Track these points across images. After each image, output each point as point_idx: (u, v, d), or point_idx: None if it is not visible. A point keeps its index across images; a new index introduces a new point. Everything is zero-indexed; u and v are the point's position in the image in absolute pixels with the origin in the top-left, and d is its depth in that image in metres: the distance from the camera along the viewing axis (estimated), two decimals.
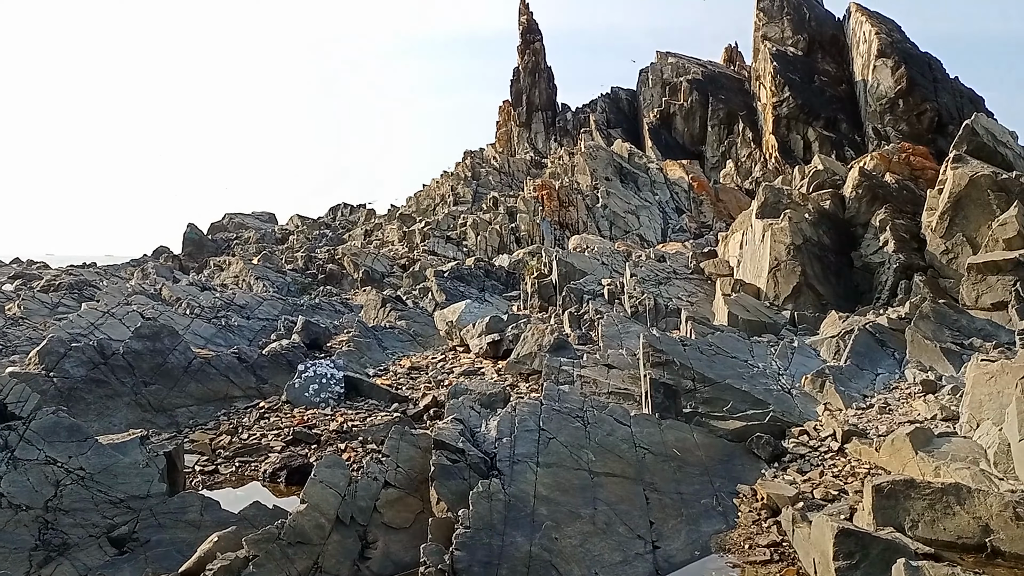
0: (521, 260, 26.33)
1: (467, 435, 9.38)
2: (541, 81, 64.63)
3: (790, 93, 50.67)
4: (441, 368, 15.40)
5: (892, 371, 13.10)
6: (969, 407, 10.12)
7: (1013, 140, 22.66)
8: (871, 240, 19.07)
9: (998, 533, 7.19)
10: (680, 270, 21.94)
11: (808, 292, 18.09)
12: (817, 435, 10.74)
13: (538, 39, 66.26)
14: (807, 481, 9.44)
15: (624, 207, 37.24)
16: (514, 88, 65.22)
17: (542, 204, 35.67)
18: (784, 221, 18.97)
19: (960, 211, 17.37)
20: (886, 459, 9.50)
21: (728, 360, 13.41)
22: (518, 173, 49.28)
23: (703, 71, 59.53)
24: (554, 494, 8.51)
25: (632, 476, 9.18)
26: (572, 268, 21.86)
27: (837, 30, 55.26)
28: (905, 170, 21.63)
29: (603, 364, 13.53)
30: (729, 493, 9.21)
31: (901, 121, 47.61)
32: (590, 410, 10.38)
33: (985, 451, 9.11)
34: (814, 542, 7.22)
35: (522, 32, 66.68)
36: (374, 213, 50.10)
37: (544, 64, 65.76)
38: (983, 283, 15.59)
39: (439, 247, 34.32)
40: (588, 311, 18.40)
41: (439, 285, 22.43)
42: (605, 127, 58.78)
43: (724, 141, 54.90)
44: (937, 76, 50.33)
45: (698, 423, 10.90)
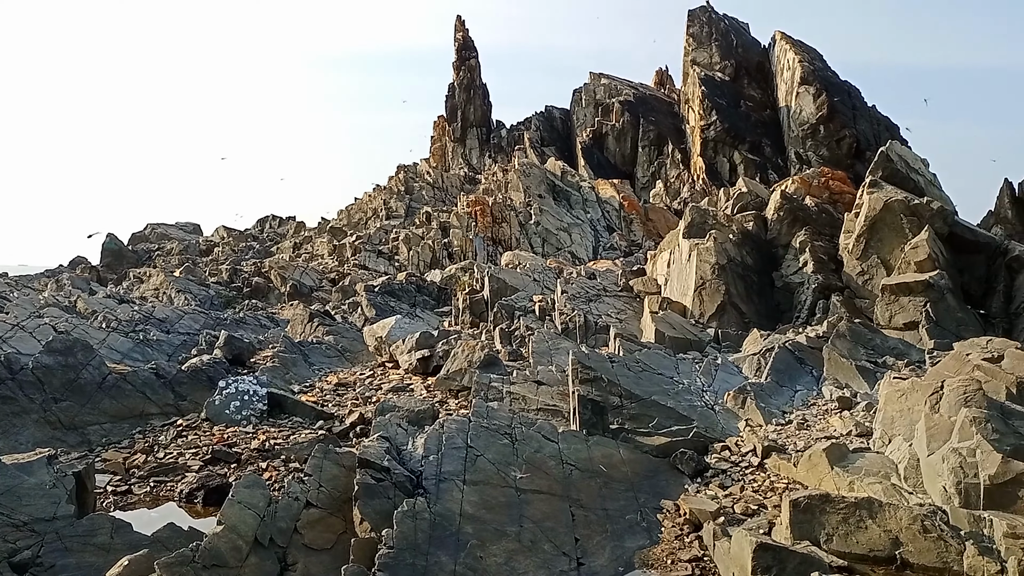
0: (453, 276, 26.24)
1: (393, 453, 9.26)
2: (476, 98, 64.88)
3: (717, 117, 52.17)
4: (369, 384, 15.18)
5: (810, 388, 13.52)
6: (882, 423, 10.52)
7: (924, 167, 23.80)
8: (791, 261, 19.71)
9: (907, 546, 7.47)
10: (610, 287, 22.23)
11: (732, 310, 18.55)
12: (738, 450, 10.98)
13: (473, 56, 66.58)
14: (728, 496, 9.64)
15: (556, 224, 37.59)
16: (449, 104, 65.27)
17: (475, 220, 35.72)
18: (709, 241, 19.44)
19: (875, 234, 18.11)
20: (804, 474, 9.78)
21: (655, 377, 13.64)
22: (452, 188, 49.24)
23: (635, 93, 60.79)
24: (480, 512, 8.45)
25: (559, 493, 9.20)
26: (504, 284, 21.91)
27: (763, 57, 57.27)
28: (824, 194, 22.47)
29: (533, 381, 13.56)
30: (653, 508, 9.32)
31: (822, 146, 49.55)
32: (519, 427, 10.38)
33: (896, 466, 9.46)
34: (734, 557, 7.36)
35: (458, 49, 66.89)
36: (303, 226, 49.24)
37: (479, 81, 66.06)
38: (896, 304, 16.27)
39: (370, 261, 33.94)
40: (519, 327, 18.44)
41: (369, 300, 22.15)
42: (539, 145, 59.35)
43: (654, 162, 56.09)
44: (856, 104, 52.63)
45: (625, 439, 11.01)
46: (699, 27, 57.85)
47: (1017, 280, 16.83)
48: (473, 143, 63.82)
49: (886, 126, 52.36)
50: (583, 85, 63.97)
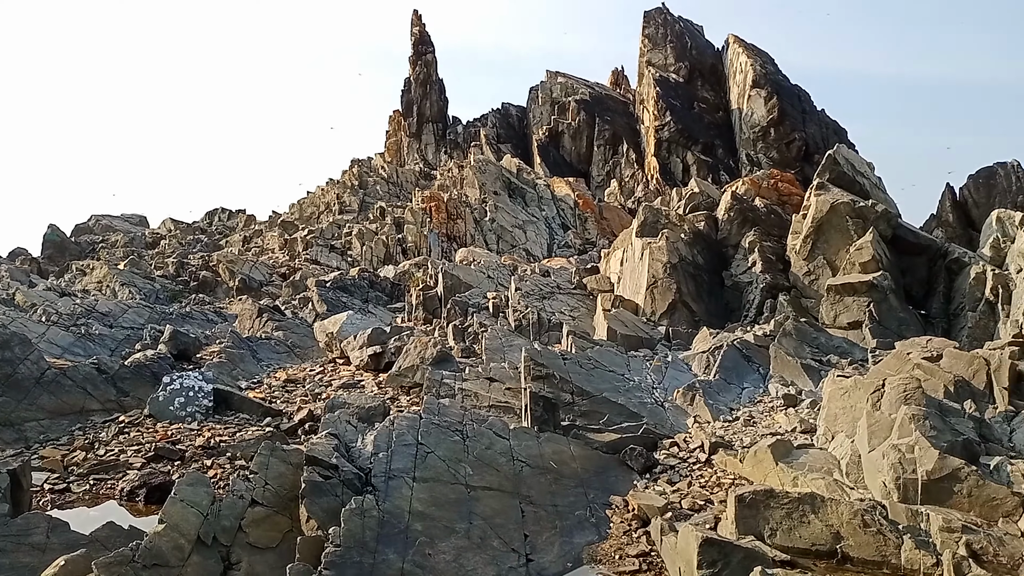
0: (407, 272, 26.06)
1: (342, 450, 9.14)
2: (432, 93, 64.49)
3: (671, 118, 52.76)
4: (319, 381, 14.99)
5: (757, 385, 13.77)
6: (825, 420, 10.76)
7: (870, 170, 24.43)
8: (741, 260, 20.04)
9: (848, 540, 7.64)
10: (564, 285, 22.32)
11: (682, 309, 18.79)
12: (687, 447, 11.13)
13: (430, 51, 66.16)
14: (676, 491, 9.75)
15: (512, 221, 37.61)
16: (405, 99, 64.77)
17: (430, 216, 35.54)
18: (662, 240, 19.66)
19: (822, 235, 18.53)
20: (749, 470, 9.95)
21: (606, 374, 13.74)
22: (406, 184, 48.88)
23: (591, 92, 61.12)
24: (430, 509, 8.40)
25: (509, 489, 9.19)
26: (458, 281, 21.83)
27: (716, 60, 58.09)
28: (773, 195, 22.90)
29: (485, 377, 13.54)
30: (603, 504, 9.38)
31: (772, 148, 50.51)
32: (470, 423, 10.34)
33: (839, 462, 9.69)
34: (680, 551, 7.44)
35: (414, 43, 66.39)
36: (254, 219, 48.37)
37: (436, 76, 65.67)
38: (840, 303, 16.67)
39: (322, 256, 33.50)
40: (473, 324, 18.40)
41: (320, 295, 21.86)
42: (495, 142, 59.30)
43: (609, 161, 56.48)
44: (806, 107, 53.78)
45: (575, 435, 11.06)
46: (654, 28, 58.42)
47: (956, 282, 17.39)
48: (429, 139, 63.46)
49: (834, 130, 53.62)
50: (540, 83, 64.07)
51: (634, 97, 61.00)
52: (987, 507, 7.92)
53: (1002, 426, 10.05)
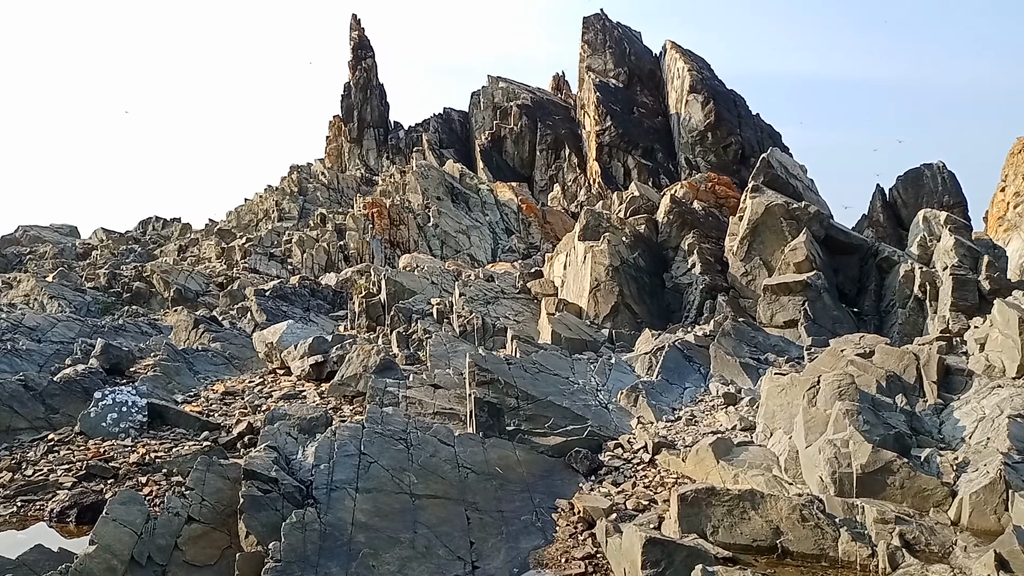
0: (349, 279, 25.71)
1: (282, 463, 8.96)
2: (373, 98, 63.96)
3: (612, 122, 53.41)
4: (259, 392, 14.66)
5: (698, 385, 13.98)
6: (764, 417, 10.99)
7: (803, 173, 25.12)
8: (681, 262, 20.37)
9: (787, 534, 7.80)
10: (508, 290, 22.32)
11: (625, 311, 18.98)
12: (631, 447, 11.22)
13: (370, 55, 65.63)
14: (621, 492, 9.82)
15: (455, 227, 37.51)
16: (345, 104, 64.08)
17: (372, 222, 35.19)
18: (604, 244, 19.84)
19: (757, 237, 18.95)
20: (692, 468, 10.08)
21: (551, 377, 13.77)
22: (348, 190, 48.32)
23: (532, 97, 61.47)
24: (373, 520, 8.28)
25: (454, 497, 9.13)
26: (401, 287, 21.65)
27: (654, 65, 59.05)
28: (711, 198, 23.34)
29: (430, 384, 13.44)
30: (549, 508, 9.38)
31: (710, 152, 51.57)
32: (414, 431, 10.25)
33: (777, 458, 9.90)
34: (625, 552, 7.49)
35: (353, 48, 65.77)
36: (190, 228, 47.17)
37: (376, 81, 65.18)
38: (777, 303, 17.06)
39: (261, 264, 32.86)
40: (417, 331, 18.26)
41: (259, 304, 21.42)
42: (438, 147, 59.13)
43: (552, 165, 56.86)
44: (741, 112, 55.07)
45: (521, 440, 11.06)
46: (594, 34, 59.09)
47: (887, 279, 17.98)
48: (370, 144, 62.90)
49: (769, 133, 55.05)
50: (481, 88, 64.20)
51: (575, 102, 61.57)
52: (919, 498, 8.18)
53: (932, 419, 10.41)
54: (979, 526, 7.60)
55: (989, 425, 9.51)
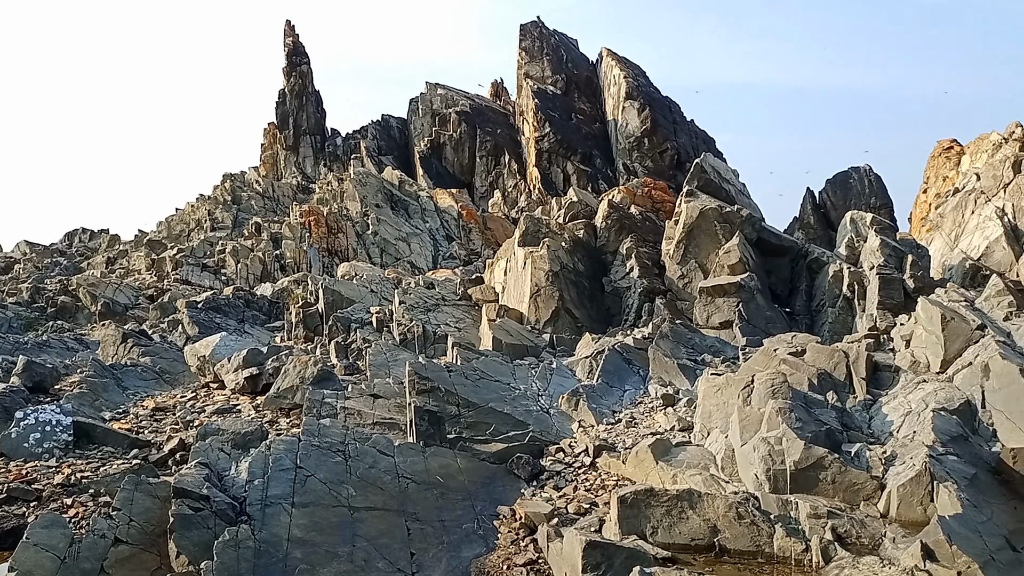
0: (285, 289, 25.22)
1: (214, 480, 8.69)
2: (309, 104, 63.07)
3: (550, 129, 53.80)
4: (191, 407, 14.22)
5: (637, 387, 14.11)
6: (701, 417, 11.14)
7: (735, 177, 25.69)
8: (619, 266, 20.59)
9: (724, 532, 7.91)
10: (449, 297, 22.22)
11: (565, 316, 19.08)
12: (572, 451, 11.24)
13: (305, 62, 64.72)
14: (563, 497, 9.82)
15: (395, 234, 37.20)
16: (280, 110, 63.03)
17: (309, 230, 34.62)
18: (543, 249, 19.92)
19: (693, 240, 19.29)
20: (632, 470, 10.15)
21: (492, 384, 13.71)
22: (283, 198, 47.46)
23: (471, 104, 61.51)
24: (310, 535, 8.10)
25: (394, 508, 8.99)
26: (340, 296, 21.33)
27: (591, 72, 59.76)
28: (648, 203, 23.68)
29: (369, 394, 13.24)
30: (490, 516, 9.32)
31: (646, 158, 52.38)
32: (352, 443, 10.08)
33: (714, 457, 10.04)
34: (565, 556, 7.48)
35: (288, 54, 64.77)
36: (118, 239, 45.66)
37: (312, 88, 64.30)
38: (712, 304, 17.38)
39: (193, 276, 31.98)
40: (356, 340, 18.01)
41: (191, 317, 20.83)
42: (376, 154, 58.62)
43: (492, 172, 56.96)
44: (676, 118, 56.13)
45: (462, 448, 10.97)
46: (531, 41, 59.49)
47: (817, 280, 18.50)
48: (307, 151, 61.98)
49: (703, 139, 56.23)
50: (420, 95, 63.94)
51: (514, 109, 61.85)
52: (849, 492, 8.38)
53: (861, 414, 10.70)
54: (907, 517, 7.82)
55: (915, 419, 9.81)
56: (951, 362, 10.81)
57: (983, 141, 27.49)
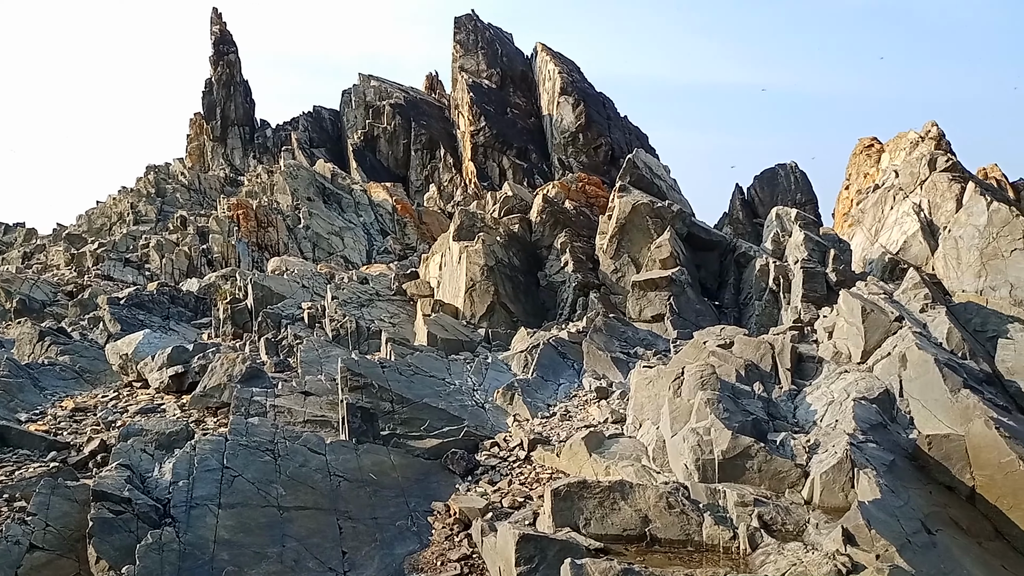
0: (213, 284, 24.52)
1: (136, 482, 8.39)
2: (237, 95, 61.40)
3: (486, 123, 53.73)
4: (113, 408, 13.69)
5: (572, 381, 14.22)
6: (633, 409, 11.30)
7: (666, 173, 26.11)
8: (554, 261, 20.71)
9: (655, 522, 8.03)
10: (383, 292, 21.97)
11: (501, 310, 19.10)
12: (507, 446, 11.26)
13: (233, 51, 62.95)
14: (497, 491, 9.83)
15: (328, 228, 36.59)
16: (206, 100, 61.20)
17: (238, 224, 33.76)
18: (478, 244, 19.88)
19: (626, 235, 19.54)
20: (566, 463, 10.23)
21: (426, 379, 13.63)
22: (211, 191, 46.15)
23: (405, 96, 60.91)
24: (238, 536, 7.90)
25: (326, 507, 8.85)
26: (270, 292, 20.86)
27: (526, 67, 59.88)
28: (582, 198, 23.88)
29: (300, 392, 12.98)
30: (424, 512, 9.26)
31: (581, 153, 52.82)
32: (282, 441, 9.87)
33: (646, 448, 10.19)
34: (499, 551, 7.49)
35: (215, 43, 62.89)
36: (35, 233, 43.66)
37: (240, 77, 62.60)
38: (644, 298, 17.64)
39: (115, 271, 30.81)
40: (287, 336, 17.63)
41: (113, 314, 20.04)
42: (308, 146, 57.52)
43: (427, 165, 56.56)
44: (610, 114, 56.74)
45: (396, 445, 10.87)
46: (466, 35, 59.25)
47: (744, 274, 18.96)
48: (235, 143, 60.37)
49: (636, 135, 57.03)
50: (353, 86, 62.99)
51: (449, 102, 61.53)
52: (775, 480, 8.62)
53: (787, 404, 11.02)
54: (829, 503, 8.08)
55: (837, 408, 10.15)
56: (871, 353, 11.23)
57: (901, 139, 28.64)
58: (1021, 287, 12.08)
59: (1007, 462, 7.95)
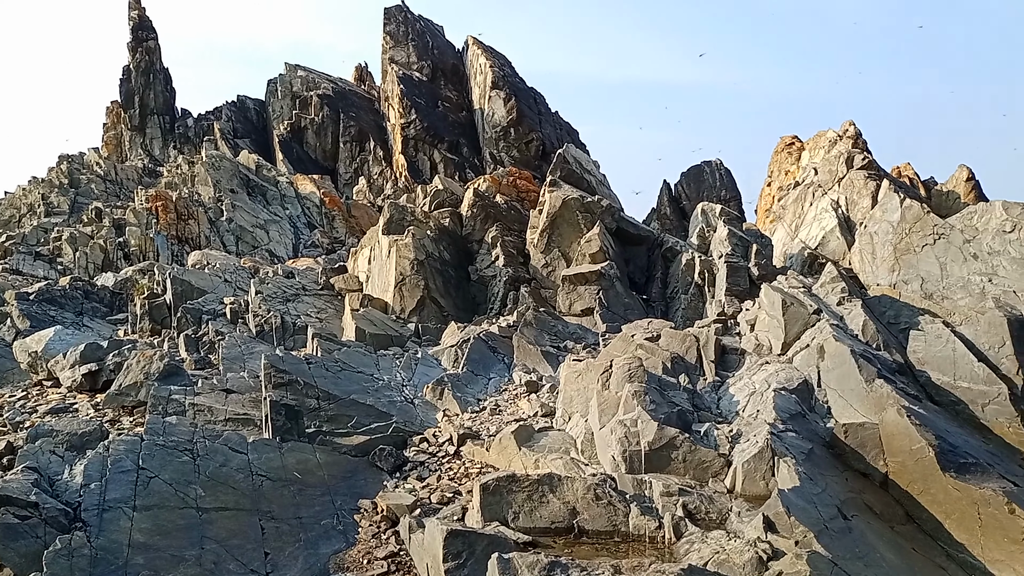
0: (130, 279, 23.53)
1: (44, 485, 7.98)
2: (157, 83, 59.15)
3: (416, 116, 53.20)
4: (21, 408, 13.00)
5: (502, 375, 14.22)
6: (563, 403, 11.36)
7: (596, 168, 26.35)
8: (485, 255, 20.66)
9: (583, 514, 8.07)
10: (310, 286, 21.51)
11: (431, 305, 18.95)
12: (436, 441, 11.17)
13: (152, 37, 60.59)
14: (426, 487, 9.73)
15: (252, 221, 35.63)
16: (124, 88, 58.76)
17: (156, 216, 32.54)
18: (408, 238, 19.67)
19: (556, 229, 19.64)
20: (495, 457, 10.20)
21: (354, 375, 13.41)
22: (128, 182, 44.35)
23: (334, 87, 59.78)
24: (154, 539, 7.60)
25: (247, 507, 8.60)
26: (190, 286, 20.16)
27: (457, 60, 59.51)
28: (513, 192, 23.89)
29: (222, 389, 12.59)
30: (351, 510, 9.10)
31: (513, 148, 52.84)
32: (201, 441, 9.55)
33: (575, 441, 10.26)
34: (427, 547, 7.40)
35: (133, 28, 60.44)
36: None
37: (160, 65, 60.33)
38: (574, 292, 17.77)
39: (25, 265, 29.30)
40: (208, 332, 17.08)
41: (22, 309, 19.01)
42: (232, 136, 55.86)
43: (356, 158, 55.66)
44: (541, 109, 56.92)
45: (322, 442, 10.66)
46: (396, 26, 58.51)
47: (671, 268, 19.30)
48: (155, 132, 58.18)
49: (567, 131, 57.40)
50: (279, 76, 61.45)
51: (379, 94, 60.69)
52: (699, 469, 8.78)
53: (711, 395, 11.25)
54: (751, 492, 8.28)
55: (759, 398, 10.42)
56: (791, 344, 11.56)
57: (820, 138, 29.59)
58: (932, 281, 12.63)
59: (917, 449, 8.29)
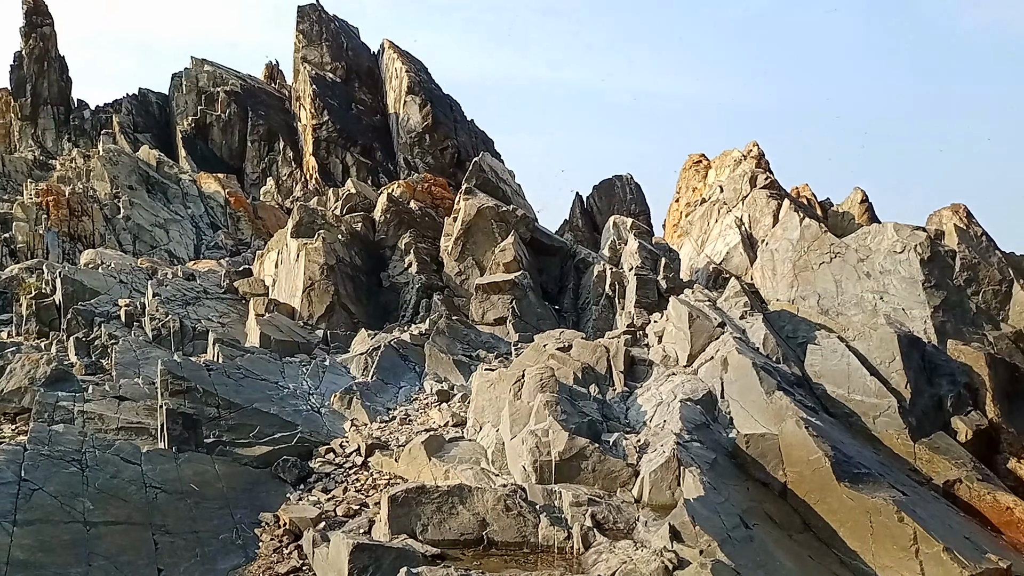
0: (16, 277, 22.11)
1: None
2: (52, 71, 55.88)
3: (329, 117, 52.20)
4: None
5: (413, 384, 14.04)
6: (474, 412, 11.30)
7: (511, 177, 26.47)
8: (398, 262, 20.40)
9: (492, 525, 8.02)
10: (212, 289, 20.72)
11: (341, 311, 18.55)
12: (343, 452, 10.91)
13: (48, 23, 57.29)
14: (331, 499, 9.48)
15: (151, 220, 34.11)
16: (15, 75, 55.27)
17: (47, 212, 30.71)
18: (318, 242, 19.22)
19: (471, 238, 19.58)
20: (404, 468, 10.04)
21: (257, 383, 12.97)
22: (16, 174, 41.72)
23: (243, 84, 57.99)
24: (36, 556, 7.12)
25: (140, 521, 8.16)
26: (82, 287, 19.08)
27: (373, 63, 58.79)
28: (428, 198, 23.69)
29: (114, 396, 11.95)
30: (251, 523, 8.76)
31: (428, 154, 52.52)
32: (91, 451, 9.03)
33: (486, 451, 10.21)
34: (331, 561, 7.19)
35: (27, 12, 56.99)
36: None
37: (56, 52, 57.08)
38: (488, 301, 17.75)
39: None
40: (100, 336, 16.21)
41: None
42: (131, 131, 53.36)
43: (265, 158, 54.11)
44: (457, 116, 56.84)
45: (221, 453, 10.25)
46: (309, 25, 57.32)
47: (583, 279, 19.53)
48: (48, 123, 54.95)
49: (482, 139, 57.52)
50: (184, 70, 59.10)
51: (290, 93, 59.26)
52: (608, 479, 8.88)
53: (620, 405, 11.42)
54: (657, 501, 8.42)
55: (665, 409, 10.63)
56: (696, 356, 11.87)
57: (726, 157, 30.65)
58: (828, 297, 13.23)
59: (815, 459, 8.62)
